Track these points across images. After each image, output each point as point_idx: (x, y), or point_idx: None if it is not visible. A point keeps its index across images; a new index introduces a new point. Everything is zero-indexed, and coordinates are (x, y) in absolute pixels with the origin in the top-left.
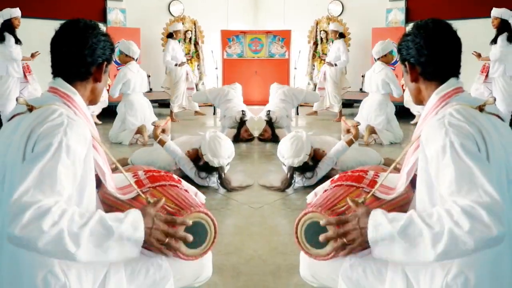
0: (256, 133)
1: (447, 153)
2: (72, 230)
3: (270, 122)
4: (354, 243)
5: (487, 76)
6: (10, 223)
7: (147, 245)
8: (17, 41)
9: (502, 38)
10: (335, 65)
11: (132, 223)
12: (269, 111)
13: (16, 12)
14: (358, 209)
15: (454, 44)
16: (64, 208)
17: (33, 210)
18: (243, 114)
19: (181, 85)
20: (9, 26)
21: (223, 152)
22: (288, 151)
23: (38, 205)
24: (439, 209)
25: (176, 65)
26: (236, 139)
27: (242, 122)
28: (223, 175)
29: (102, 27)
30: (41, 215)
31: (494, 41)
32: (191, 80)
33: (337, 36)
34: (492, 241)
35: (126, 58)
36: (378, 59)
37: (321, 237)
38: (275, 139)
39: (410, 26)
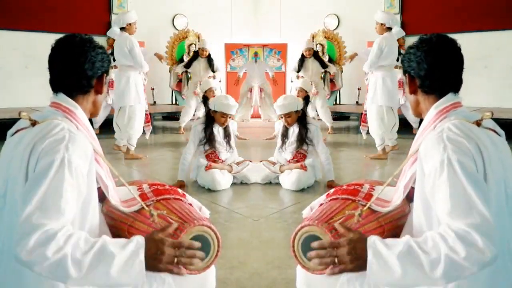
0: None
1: (444, 170)
2: (75, 257)
3: None
4: (346, 267)
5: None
6: (17, 245)
7: (154, 270)
8: None
9: None
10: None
11: (134, 251)
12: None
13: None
14: (349, 234)
15: (454, 60)
16: (70, 234)
17: (39, 235)
18: None
19: None
20: None
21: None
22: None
23: (45, 229)
24: (434, 234)
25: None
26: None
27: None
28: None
29: (106, 40)
30: (47, 241)
31: None
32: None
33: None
34: (487, 264)
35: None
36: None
37: (312, 254)
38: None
39: (406, 40)
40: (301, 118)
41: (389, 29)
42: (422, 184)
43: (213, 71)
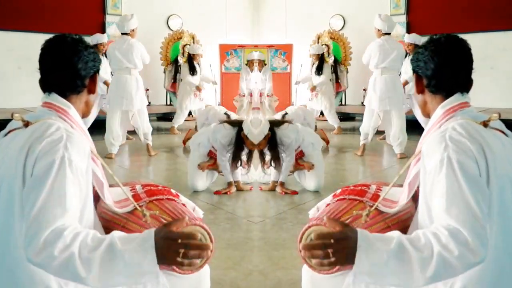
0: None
1: (443, 169)
2: (83, 255)
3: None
4: (337, 261)
5: None
6: (27, 247)
7: (164, 263)
8: None
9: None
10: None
11: (142, 245)
12: (286, 113)
13: (103, 38)
14: (345, 230)
15: (461, 60)
16: (77, 232)
17: (47, 235)
18: (226, 114)
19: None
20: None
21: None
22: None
23: (52, 228)
24: (426, 232)
25: None
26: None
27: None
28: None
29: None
30: (54, 239)
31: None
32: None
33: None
34: (475, 265)
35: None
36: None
37: (305, 253)
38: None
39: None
40: (271, 140)
41: (388, 34)
42: (425, 183)
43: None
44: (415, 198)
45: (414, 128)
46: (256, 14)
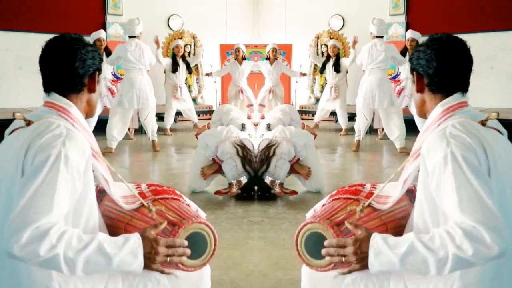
0: None
1: (448, 165)
2: (68, 256)
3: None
4: (354, 266)
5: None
6: (9, 240)
7: (147, 268)
8: None
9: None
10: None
11: (132, 251)
12: (269, 124)
13: (100, 33)
14: (358, 232)
15: (463, 60)
16: (63, 231)
17: (31, 231)
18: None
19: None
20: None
21: None
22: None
23: (37, 224)
24: (441, 232)
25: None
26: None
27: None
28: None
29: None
30: (40, 237)
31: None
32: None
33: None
34: (494, 259)
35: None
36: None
37: (323, 252)
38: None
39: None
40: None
41: (380, 37)
42: (426, 182)
43: (190, 72)
44: (412, 197)
45: (414, 127)
46: (256, 14)
